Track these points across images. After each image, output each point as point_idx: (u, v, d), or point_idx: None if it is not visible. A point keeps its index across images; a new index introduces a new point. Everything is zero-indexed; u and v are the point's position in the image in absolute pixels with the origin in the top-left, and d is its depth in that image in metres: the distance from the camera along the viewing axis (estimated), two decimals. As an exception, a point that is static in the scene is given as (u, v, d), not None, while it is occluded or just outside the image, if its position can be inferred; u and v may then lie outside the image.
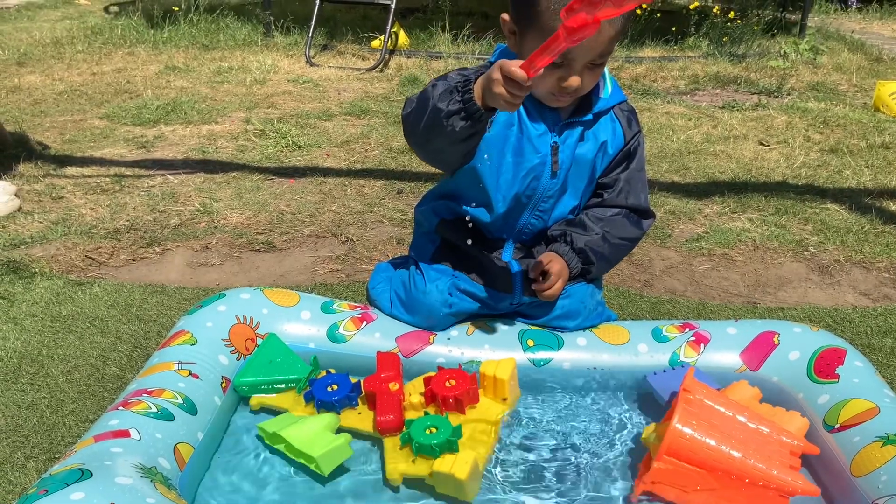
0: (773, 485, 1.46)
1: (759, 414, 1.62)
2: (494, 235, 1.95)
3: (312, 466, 1.54)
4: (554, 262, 1.86)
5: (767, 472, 1.47)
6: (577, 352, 1.90)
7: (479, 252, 1.93)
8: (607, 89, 1.89)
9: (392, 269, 2.12)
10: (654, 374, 1.87)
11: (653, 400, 1.82)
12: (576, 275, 1.92)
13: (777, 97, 5.30)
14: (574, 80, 1.69)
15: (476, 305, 1.95)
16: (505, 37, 1.80)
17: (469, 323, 1.96)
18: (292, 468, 1.61)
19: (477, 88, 1.55)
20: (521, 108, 1.78)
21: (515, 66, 1.41)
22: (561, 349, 1.89)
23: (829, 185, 3.60)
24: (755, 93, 5.42)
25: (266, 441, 1.65)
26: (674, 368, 1.88)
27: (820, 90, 5.49)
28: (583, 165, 1.89)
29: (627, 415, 1.81)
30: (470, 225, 1.93)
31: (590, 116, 1.85)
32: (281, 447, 1.61)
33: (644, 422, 1.77)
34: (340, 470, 1.57)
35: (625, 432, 1.74)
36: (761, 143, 4.24)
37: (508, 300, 1.95)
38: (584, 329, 1.95)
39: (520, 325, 1.95)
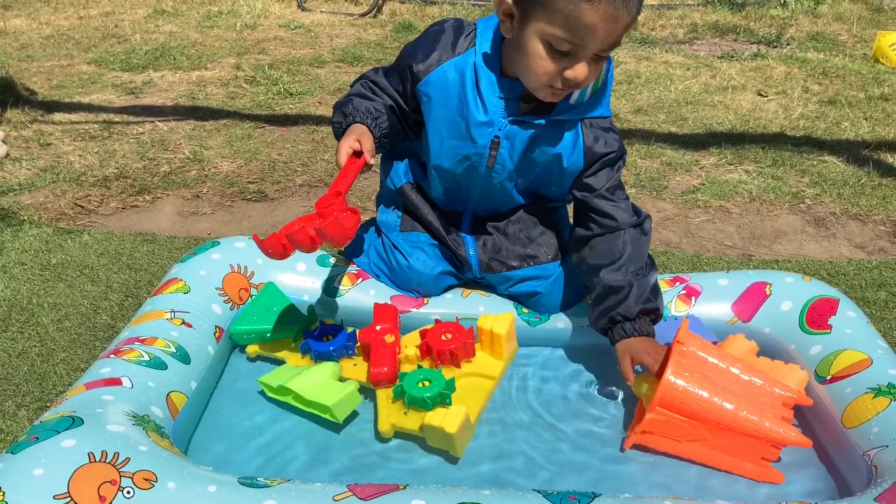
0: (765, 436, 1.47)
1: (754, 366, 1.62)
2: (446, 209, 1.89)
3: (326, 415, 1.54)
4: (635, 353, 1.64)
5: (759, 423, 1.47)
6: (570, 312, 1.88)
7: (438, 225, 1.87)
8: (583, 95, 1.65)
9: (366, 240, 2.01)
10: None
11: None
12: (656, 318, 1.73)
13: (776, 47, 5.22)
14: (581, 71, 1.48)
15: (467, 274, 1.93)
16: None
17: (463, 288, 1.94)
18: (285, 417, 1.60)
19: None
20: (472, 88, 1.65)
21: (342, 158, 1.60)
22: (554, 316, 1.88)
23: (827, 136, 3.57)
24: (754, 42, 5.35)
25: (268, 394, 1.63)
26: (665, 321, 1.88)
27: (819, 40, 5.41)
28: (532, 167, 1.75)
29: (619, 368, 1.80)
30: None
31: (542, 121, 1.66)
32: (288, 399, 1.60)
33: (636, 373, 1.77)
34: (351, 416, 1.58)
35: (617, 385, 1.74)
36: (759, 94, 4.19)
37: (470, 275, 1.91)
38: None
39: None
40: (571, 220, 1.86)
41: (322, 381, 1.58)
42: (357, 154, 1.63)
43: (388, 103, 1.75)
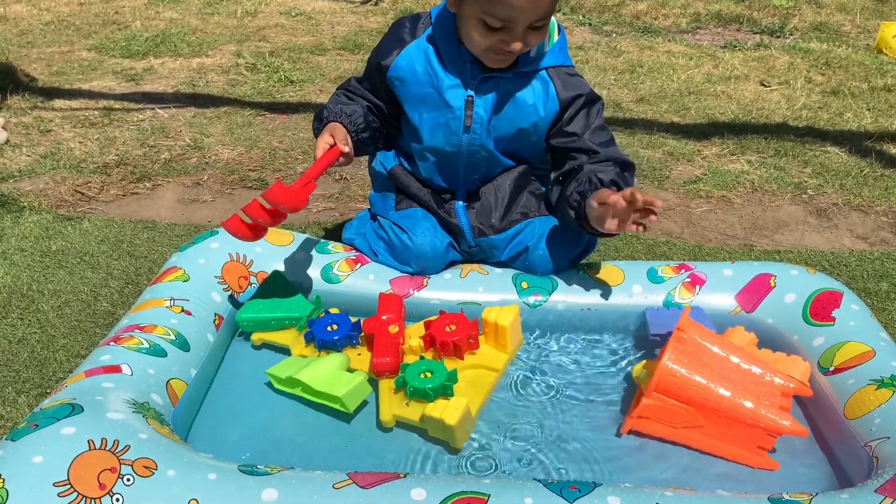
0: (761, 424, 1.47)
1: (754, 355, 1.62)
2: (438, 186, 1.96)
3: (336, 406, 1.53)
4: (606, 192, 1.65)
5: (756, 411, 1.47)
6: (571, 294, 1.88)
7: (430, 199, 1.96)
8: (541, 48, 1.79)
9: (360, 225, 2.07)
10: (656, 309, 1.86)
11: (646, 339, 1.81)
12: None
13: (779, 37, 5.20)
14: (516, 46, 1.66)
15: (456, 254, 1.99)
16: None
17: (462, 266, 1.94)
18: (286, 405, 1.60)
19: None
20: (436, 59, 1.79)
21: (318, 151, 1.75)
22: (554, 291, 1.88)
23: (830, 127, 3.55)
24: (757, 32, 5.32)
25: (276, 385, 1.63)
26: (668, 309, 1.87)
27: (823, 30, 5.38)
28: (509, 124, 1.84)
29: (620, 354, 1.80)
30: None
31: (509, 74, 1.79)
32: (297, 390, 1.59)
33: (636, 360, 1.77)
34: (360, 406, 1.57)
35: (616, 370, 1.74)
36: (762, 84, 4.17)
37: (465, 244, 1.97)
38: (571, 262, 1.94)
39: (512, 270, 1.93)
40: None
41: (331, 372, 1.58)
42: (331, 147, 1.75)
43: (365, 104, 1.88)
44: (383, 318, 1.70)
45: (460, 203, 1.96)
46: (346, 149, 1.75)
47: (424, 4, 5.70)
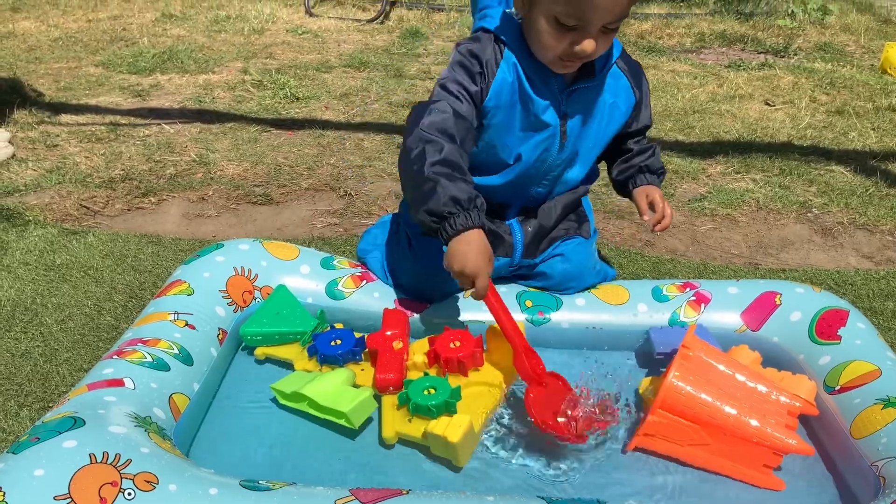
0: (767, 442, 1.46)
1: (760, 373, 1.61)
2: (499, 201, 1.89)
3: (342, 421, 1.53)
4: (652, 192, 1.89)
5: (762, 429, 1.46)
6: (576, 312, 1.88)
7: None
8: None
9: (381, 235, 2.03)
10: (660, 328, 1.85)
11: (651, 357, 1.80)
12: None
13: (784, 57, 5.22)
14: (588, 45, 1.56)
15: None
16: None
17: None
18: (289, 421, 1.59)
19: (460, 237, 1.55)
20: (524, 80, 1.70)
21: (482, 289, 1.56)
22: (559, 310, 1.87)
23: (835, 146, 3.55)
24: (762, 52, 5.34)
25: (281, 401, 1.62)
26: (672, 327, 1.87)
27: (827, 51, 5.39)
28: (592, 131, 1.82)
29: (625, 372, 1.79)
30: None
31: (595, 81, 1.76)
32: (302, 405, 1.59)
33: (640, 378, 1.76)
34: (366, 422, 1.56)
35: (620, 388, 1.72)
36: (767, 103, 4.18)
37: (507, 263, 1.91)
38: (584, 290, 1.93)
39: (518, 287, 1.93)
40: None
41: (336, 388, 1.57)
42: None
43: (467, 155, 1.69)
44: (387, 333, 1.69)
45: (515, 223, 1.91)
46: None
47: (430, 24, 5.74)
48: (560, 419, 1.50)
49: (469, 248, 1.53)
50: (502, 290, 1.90)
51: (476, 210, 1.56)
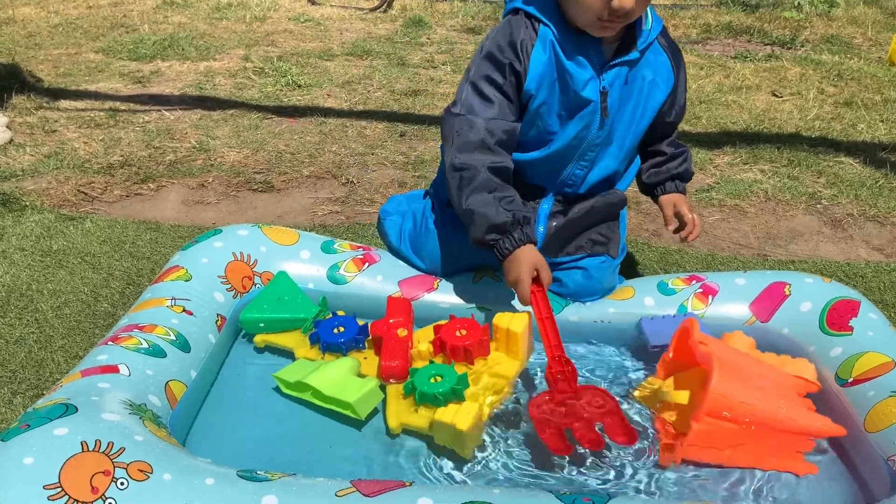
0: (802, 430, 1.42)
1: (763, 360, 1.57)
2: (534, 182, 1.82)
3: (347, 412, 1.48)
4: (679, 203, 1.87)
5: (794, 417, 1.42)
6: (583, 307, 1.84)
7: None
8: (649, 20, 1.72)
9: (407, 202, 2.00)
10: (652, 319, 1.81)
11: (646, 350, 1.76)
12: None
13: (790, 49, 5.16)
14: (627, 3, 1.53)
15: (489, 260, 1.86)
16: None
17: (475, 271, 1.89)
18: (289, 410, 1.55)
19: (511, 258, 1.64)
20: (562, 57, 1.65)
21: (520, 295, 1.61)
22: (567, 306, 1.83)
23: (843, 138, 3.50)
24: (768, 44, 5.28)
25: (284, 390, 1.57)
26: (663, 317, 1.82)
27: (834, 43, 5.34)
28: (631, 108, 1.75)
29: (634, 365, 1.75)
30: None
31: (636, 54, 1.69)
32: (306, 395, 1.54)
33: (646, 371, 1.71)
34: (372, 413, 1.52)
35: (629, 381, 1.69)
36: (774, 95, 4.13)
37: None
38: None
39: None
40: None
41: (341, 377, 1.53)
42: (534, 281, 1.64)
43: (511, 166, 1.71)
44: (391, 321, 1.65)
45: (546, 208, 1.83)
46: (547, 288, 1.66)
47: (433, 13, 5.69)
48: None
49: (512, 264, 1.63)
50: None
51: (519, 228, 1.63)
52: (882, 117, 3.79)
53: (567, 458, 1.44)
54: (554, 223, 1.83)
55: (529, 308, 1.73)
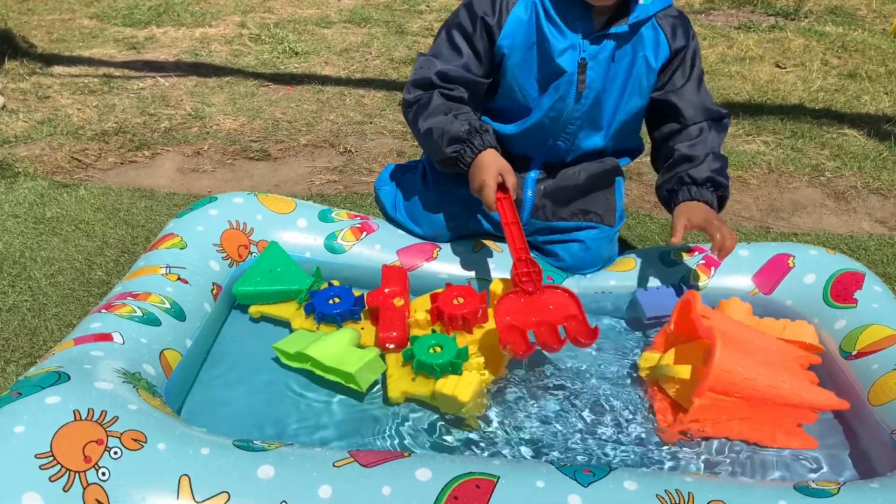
0: (806, 403, 1.40)
1: (765, 332, 1.56)
2: (518, 153, 1.79)
3: (350, 384, 1.46)
4: (694, 216, 1.64)
5: (797, 391, 1.41)
6: (584, 280, 1.81)
7: None
8: None
9: (401, 171, 1.97)
10: (647, 291, 1.79)
11: (646, 323, 1.74)
12: (723, 197, 1.73)
13: (794, 20, 5.09)
14: None
15: (486, 226, 1.84)
16: None
17: (476, 240, 1.86)
18: (287, 379, 1.53)
19: (473, 165, 1.61)
20: (543, 20, 1.61)
21: (485, 198, 1.57)
22: (567, 279, 1.80)
23: (847, 110, 3.46)
24: (772, 14, 5.21)
25: (284, 360, 1.55)
26: (658, 289, 1.80)
27: (838, 14, 5.27)
28: (620, 86, 1.69)
29: (634, 336, 1.73)
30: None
31: (625, 28, 1.61)
32: (306, 366, 1.52)
33: (646, 343, 1.70)
34: (374, 393, 1.49)
35: (629, 351, 1.67)
36: (778, 66, 4.08)
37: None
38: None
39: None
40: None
41: (342, 348, 1.50)
42: (500, 187, 1.60)
43: (465, 95, 1.69)
44: (386, 290, 1.63)
45: (533, 175, 1.80)
46: (515, 196, 1.62)
47: (433, -21, 5.59)
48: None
49: (476, 171, 1.60)
50: (508, 255, 1.83)
51: (479, 136, 1.61)
52: (886, 89, 3.74)
53: (568, 429, 1.43)
54: (542, 186, 1.80)
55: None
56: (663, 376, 1.52)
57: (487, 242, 1.84)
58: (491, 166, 1.59)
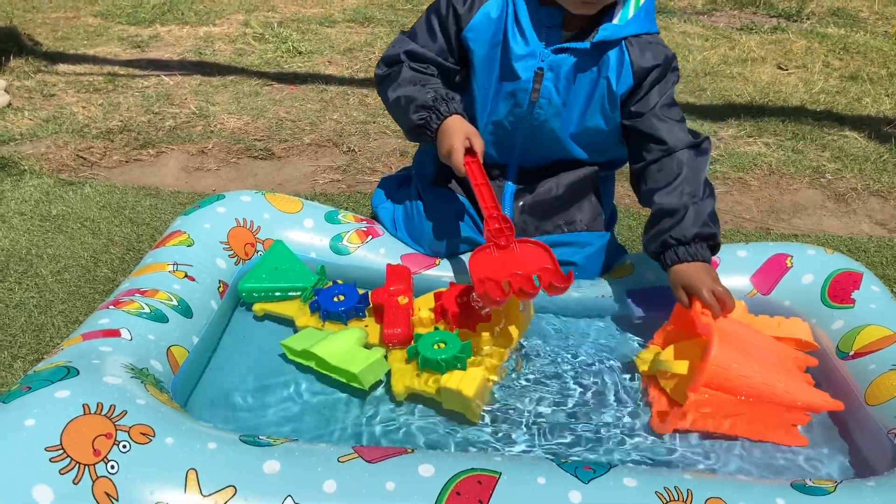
0: (799, 402, 1.42)
1: (763, 332, 1.57)
2: (490, 161, 1.78)
3: (353, 383, 1.48)
4: (691, 280, 1.53)
5: (792, 391, 1.42)
6: (585, 287, 1.82)
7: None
8: (625, 14, 1.60)
9: (395, 186, 1.97)
10: (636, 291, 1.80)
11: (646, 323, 1.75)
12: (714, 246, 1.63)
13: (796, 21, 5.11)
14: None
15: (481, 237, 1.82)
16: None
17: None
18: (292, 376, 1.55)
19: (440, 131, 1.61)
20: (512, 21, 1.62)
21: (454, 162, 1.57)
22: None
23: (848, 112, 3.48)
24: (774, 16, 5.23)
25: (291, 357, 1.57)
26: (649, 289, 1.81)
27: (840, 16, 5.29)
28: (581, 101, 1.66)
29: (636, 337, 1.74)
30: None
31: (586, 45, 1.59)
32: (311, 364, 1.54)
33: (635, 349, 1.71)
34: (378, 390, 1.50)
35: (631, 352, 1.68)
36: (779, 67, 4.10)
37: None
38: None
39: None
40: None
41: (348, 347, 1.52)
42: (468, 152, 1.61)
43: (436, 74, 1.70)
44: (391, 289, 1.65)
45: (509, 189, 1.79)
46: (481, 160, 1.61)
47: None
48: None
49: (443, 136, 1.60)
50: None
51: (444, 103, 1.61)
52: (887, 91, 3.76)
53: (570, 424, 1.45)
54: (521, 202, 1.78)
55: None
56: (660, 371, 1.53)
57: None
58: (458, 130, 1.59)
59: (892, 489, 1.19)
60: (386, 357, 1.53)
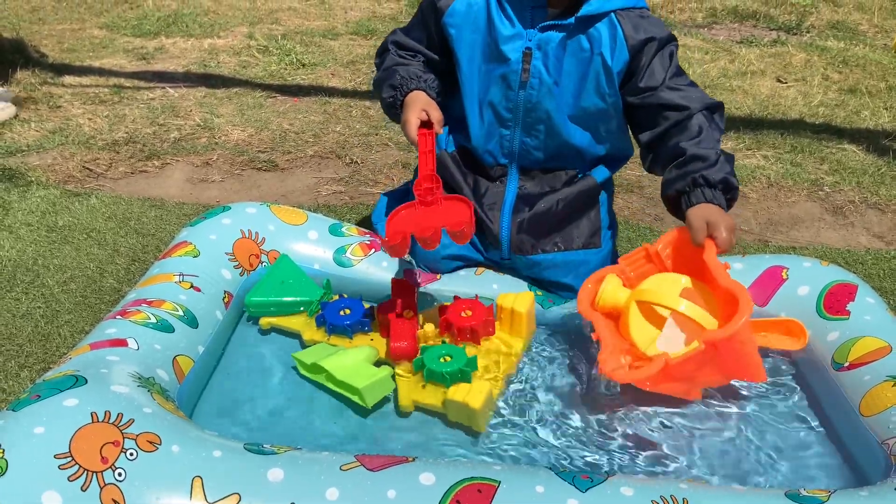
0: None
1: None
2: (490, 161, 1.80)
3: (356, 398, 1.50)
4: (714, 219, 1.54)
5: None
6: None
7: (474, 198, 1.79)
8: None
9: (395, 202, 1.94)
10: None
11: None
12: (731, 200, 1.63)
13: (796, 34, 5.14)
14: None
15: (476, 255, 1.87)
16: None
17: (476, 268, 1.90)
18: (297, 387, 1.58)
19: (402, 106, 1.68)
20: (496, 6, 1.64)
21: (412, 133, 1.61)
22: (570, 300, 1.84)
23: (847, 125, 3.50)
24: (774, 29, 5.26)
25: (301, 371, 1.59)
26: None
27: (840, 29, 5.32)
28: (575, 80, 1.66)
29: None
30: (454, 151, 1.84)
31: (570, 21, 1.59)
32: (320, 378, 1.56)
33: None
34: (381, 402, 1.52)
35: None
36: (779, 80, 4.12)
37: (498, 255, 1.84)
38: None
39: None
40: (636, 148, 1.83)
41: (356, 364, 1.54)
42: (425, 125, 1.63)
43: (422, 60, 1.76)
44: (397, 302, 1.67)
45: (510, 199, 1.80)
46: (441, 130, 1.64)
47: (438, -8, 5.65)
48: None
49: (403, 110, 1.67)
50: (510, 279, 1.87)
51: (411, 81, 1.68)
52: (886, 105, 3.78)
53: (572, 434, 1.47)
54: (518, 219, 1.78)
55: (534, 289, 1.76)
56: (634, 305, 1.58)
57: (490, 267, 1.88)
58: (415, 104, 1.64)
59: (886, 499, 1.21)
60: (393, 377, 1.55)
